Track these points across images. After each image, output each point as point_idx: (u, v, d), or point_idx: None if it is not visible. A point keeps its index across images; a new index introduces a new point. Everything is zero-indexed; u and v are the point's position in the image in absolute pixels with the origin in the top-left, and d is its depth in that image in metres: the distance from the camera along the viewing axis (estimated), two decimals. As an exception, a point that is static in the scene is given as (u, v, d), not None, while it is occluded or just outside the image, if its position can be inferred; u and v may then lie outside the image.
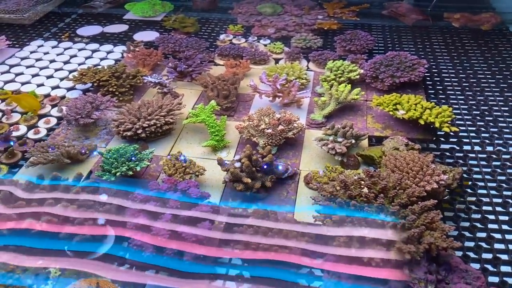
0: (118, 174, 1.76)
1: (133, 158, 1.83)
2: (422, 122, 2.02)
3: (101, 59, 2.85)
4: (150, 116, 2.08)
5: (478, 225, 1.65)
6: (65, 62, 2.80)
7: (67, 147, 1.96)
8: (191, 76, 2.54)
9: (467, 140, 2.06)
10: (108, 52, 2.93)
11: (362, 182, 1.54)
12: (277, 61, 2.81)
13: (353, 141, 1.95)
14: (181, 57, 2.67)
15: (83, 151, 1.96)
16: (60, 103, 2.40)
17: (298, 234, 1.47)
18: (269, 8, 3.31)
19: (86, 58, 2.86)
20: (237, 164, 1.81)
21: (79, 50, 2.96)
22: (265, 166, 1.81)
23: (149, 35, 3.12)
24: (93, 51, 2.95)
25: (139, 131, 2.03)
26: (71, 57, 2.87)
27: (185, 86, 2.55)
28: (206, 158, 2.03)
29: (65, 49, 2.97)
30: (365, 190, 1.52)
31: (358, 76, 2.44)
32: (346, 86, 2.27)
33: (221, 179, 1.85)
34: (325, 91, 2.28)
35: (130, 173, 1.78)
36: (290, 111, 2.27)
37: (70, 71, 2.68)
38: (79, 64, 2.77)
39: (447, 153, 1.99)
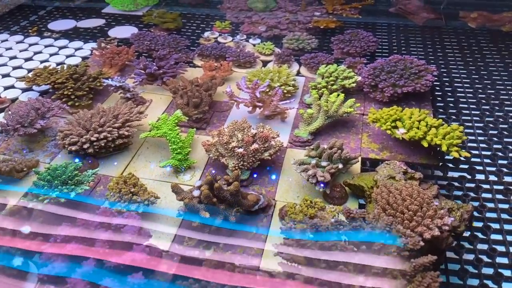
0: (45, 202, 1.45)
1: (68, 181, 1.51)
2: (425, 144, 1.66)
3: (67, 57, 2.54)
4: (102, 128, 1.75)
5: (490, 284, 1.30)
6: (27, 59, 2.50)
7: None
8: (162, 79, 2.21)
9: (481, 168, 1.70)
10: (77, 49, 2.62)
11: (341, 228, 1.20)
12: (265, 64, 2.46)
13: (341, 165, 1.60)
14: (155, 56, 2.34)
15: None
16: (10, 107, 2.09)
17: None
18: (261, 3, 2.96)
19: (51, 55, 2.55)
20: (196, 193, 1.48)
21: (46, 46, 2.65)
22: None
23: (127, 31, 2.79)
24: (61, 47, 2.64)
25: (86, 146, 1.71)
26: (35, 53, 2.56)
27: (156, 90, 2.22)
28: (165, 181, 1.70)
29: (31, 44, 2.67)
30: (343, 238, 1.18)
31: (354, 84, 2.08)
32: (338, 96, 1.92)
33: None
34: (313, 101, 1.93)
35: (62, 200, 1.46)
36: (272, 125, 1.94)
37: (30, 70, 2.37)
38: (42, 62, 2.47)
39: (456, 183, 1.63)
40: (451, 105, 2.06)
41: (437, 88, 2.19)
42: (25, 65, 2.44)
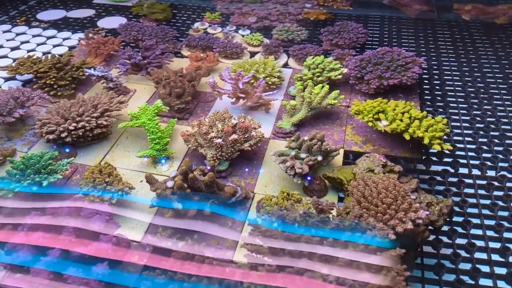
0: (17, 190, 1.42)
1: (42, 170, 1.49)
2: (407, 136, 1.62)
3: (54, 46, 2.51)
4: (80, 117, 1.73)
5: (467, 279, 1.26)
6: (13, 49, 2.47)
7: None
8: (147, 70, 2.18)
9: (464, 161, 1.66)
10: (64, 39, 2.59)
11: (309, 219, 1.16)
12: (253, 55, 2.43)
13: (320, 158, 1.56)
14: (141, 46, 2.32)
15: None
16: (-8, 96, 2.07)
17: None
18: (252, -7, 2.92)
19: (38, 44, 2.53)
20: (170, 183, 1.45)
21: (33, 36, 2.62)
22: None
23: (116, 22, 2.75)
24: (49, 37, 2.61)
25: (64, 135, 1.69)
26: (22, 43, 2.54)
27: (140, 80, 2.20)
28: (142, 171, 1.67)
29: (18, 34, 2.64)
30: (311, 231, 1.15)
31: (340, 76, 2.04)
32: (322, 87, 1.89)
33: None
34: (297, 93, 1.89)
35: (34, 188, 1.44)
36: (256, 116, 1.91)
37: (16, 59, 2.35)
38: (28, 51, 2.44)
39: (438, 177, 1.59)
40: (439, 98, 2.02)
41: (426, 81, 2.15)
42: (11, 55, 2.41)
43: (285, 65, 2.32)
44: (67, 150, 1.71)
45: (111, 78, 2.02)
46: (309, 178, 1.54)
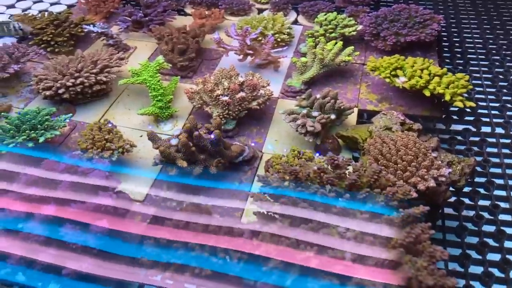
0: (12, 145, 1.34)
1: (38, 126, 1.40)
2: (427, 93, 1.52)
3: (52, 4, 2.39)
4: (79, 73, 1.63)
5: (491, 242, 1.18)
6: (9, 7, 2.36)
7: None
8: (148, 27, 2.06)
9: (487, 120, 1.55)
10: (63, -3, 2.47)
11: (324, 175, 1.07)
12: (261, 12, 2.30)
13: (333, 116, 1.46)
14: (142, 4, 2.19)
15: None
16: (-14, 53, 1.97)
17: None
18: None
19: (34, 2, 2.40)
20: (174, 141, 1.36)
21: (30, -7, 2.50)
22: (211, 135, 1.34)
23: (117, -21, 2.61)
24: (46, -5, 2.49)
25: (61, 91, 1.59)
26: (18, 1, 2.42)
27: (141, 38, 2.08)
28: (144, 130, 1.58)
29: (14, -8, 2.52)
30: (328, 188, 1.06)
31: (354, 33, 1.92)
32: (336, 44, 1.77)
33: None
34: (309, 49, 1.78)
35: (30, 144, 1.35)
36: (264, 74, 1.80)
37: (11, 16, 2.24)
38: (23, 10, 2.32)
39: (459, 137, 1.49)
40: (459, 55, 1.89)
41: (445, 39, 2.02)
42: (8, 12, 2.30)
43: (295, 22, 2.20)
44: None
45: (111, 34, 1.91)
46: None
